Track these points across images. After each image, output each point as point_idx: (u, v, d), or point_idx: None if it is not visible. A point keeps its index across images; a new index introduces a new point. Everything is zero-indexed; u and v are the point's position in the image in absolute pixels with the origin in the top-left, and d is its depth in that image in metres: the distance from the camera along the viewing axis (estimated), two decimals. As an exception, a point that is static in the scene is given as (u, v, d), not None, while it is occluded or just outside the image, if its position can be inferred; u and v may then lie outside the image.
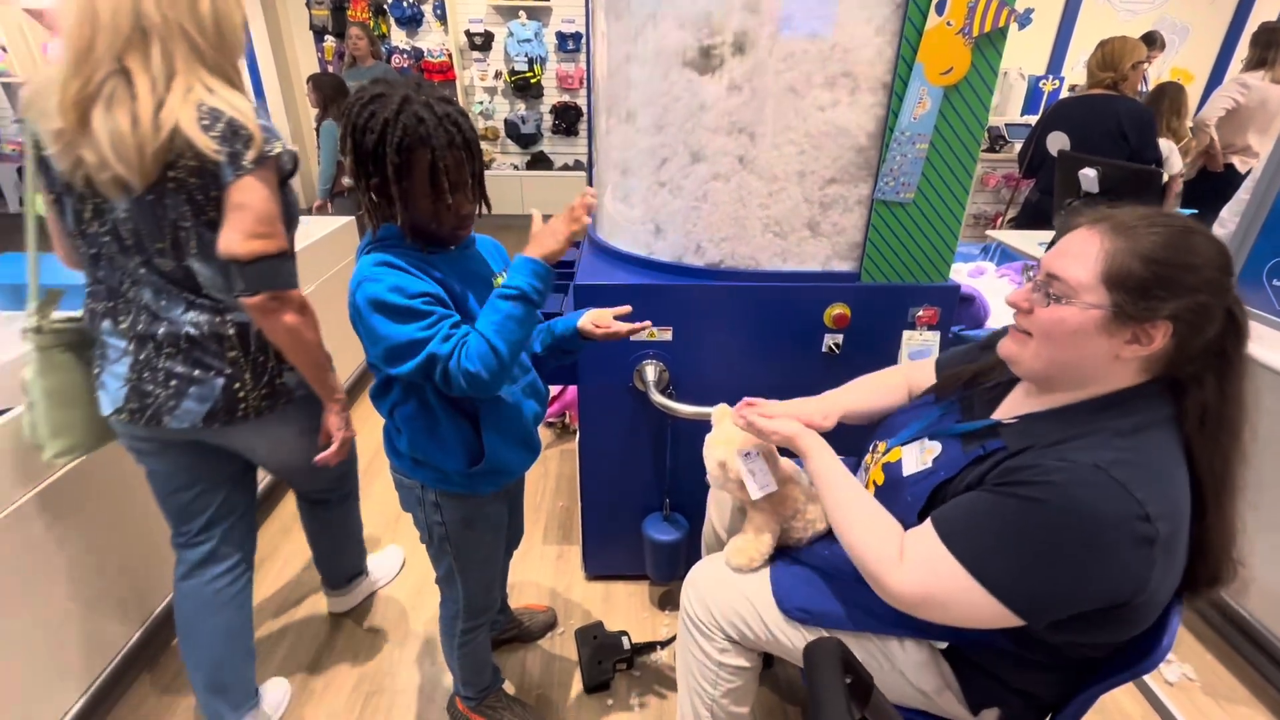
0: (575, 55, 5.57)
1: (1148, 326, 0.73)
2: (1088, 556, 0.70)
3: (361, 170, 0.88)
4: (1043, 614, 0.74)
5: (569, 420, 2.56)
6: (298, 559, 1.91)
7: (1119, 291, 0.73)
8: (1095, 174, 2.29)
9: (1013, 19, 1.19)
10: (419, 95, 0.86)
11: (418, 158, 0.86)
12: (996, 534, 0.75)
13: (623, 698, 1.51)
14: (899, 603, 0.80)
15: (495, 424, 1.05)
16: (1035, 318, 0.80)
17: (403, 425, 1.02)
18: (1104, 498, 0.69)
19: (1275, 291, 1.58)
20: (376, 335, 0.89)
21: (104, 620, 1.42)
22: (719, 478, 1.09)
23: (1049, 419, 0.82)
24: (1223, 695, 1.53)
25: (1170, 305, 0.71)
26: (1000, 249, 2.57)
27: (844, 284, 1.42)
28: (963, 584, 0.75)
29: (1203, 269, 0.72)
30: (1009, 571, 0.74)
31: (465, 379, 0.88)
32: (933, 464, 0.89)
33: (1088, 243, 0.77)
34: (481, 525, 1.16)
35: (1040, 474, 0.73)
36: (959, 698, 0.93)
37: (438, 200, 0.90)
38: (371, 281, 0.88)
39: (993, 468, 0.81)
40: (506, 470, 1.10)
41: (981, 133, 1.29)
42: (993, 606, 0.74)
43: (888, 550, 0.82)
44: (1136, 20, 5.13)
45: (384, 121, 0.84)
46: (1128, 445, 0.73)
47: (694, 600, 1.08)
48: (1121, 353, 0.75)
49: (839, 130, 1.28)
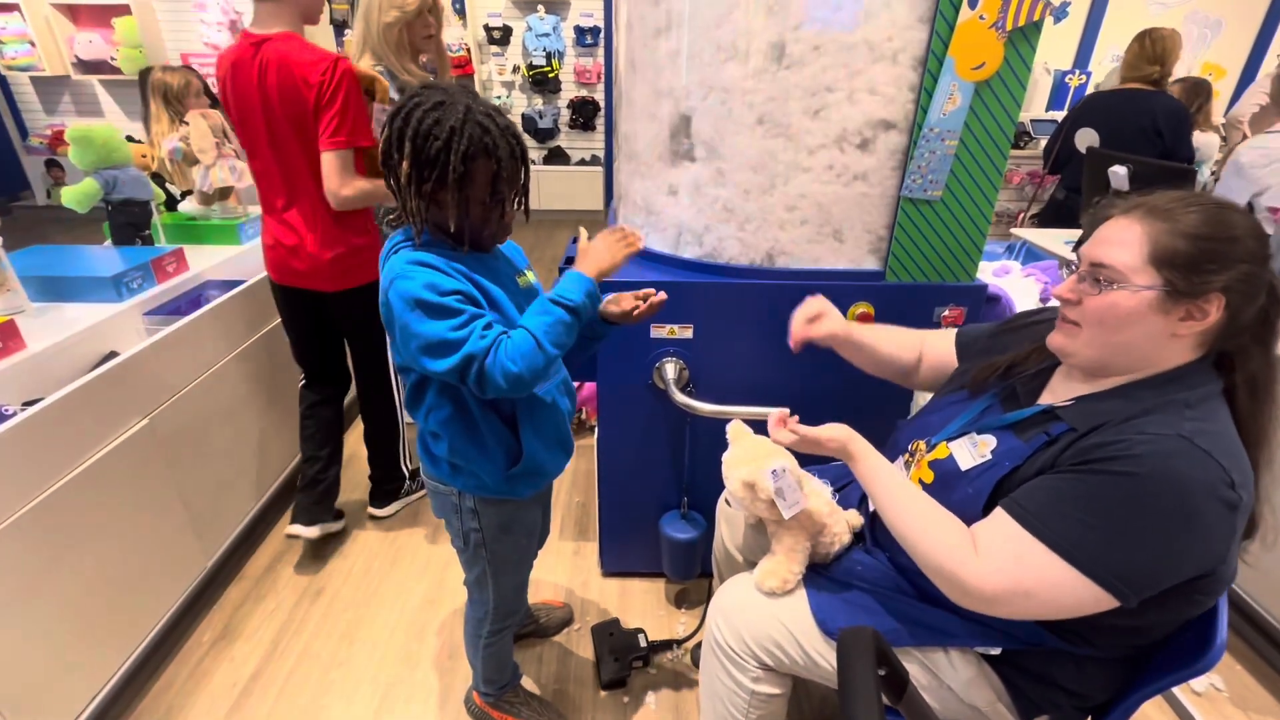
0: (593, 50, 5.54)
1: (1201, 302, 0.74)
2: (1182, 526, 0.70)
3: (419, 174, 0.89)
4: (1137, 591, 0.72)
5: (587, 416, 2.56)
6: (320, 549, 1.93)
7: (1169, 270, 0.74)
8: (1125, 171, 2.24)
9: (1048, 12, 1.16)
10: (477, 105, 0.89)
11: (481, 167, 0.89)
12: (1085, 511, 0.73)
13: (638, 695, 1.51)
14: (980, 598, 0.77)
15: (533, 423, 1.05)
16: (1085, 307, 0.81)
17: (440, 430, 1.02)
18: (1194, 466, 0.70)
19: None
20: (410, 332, 0.89)
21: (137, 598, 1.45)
22: (746, 499, 1.05)
23: (1110, 398, 0.81)
24: (1252, 707, 1.50)
25: (1222, 277, 0.73)
26: (1025, 247, 2.52)
27: (869, 283, 1.40)
28: (1051, 569, 0.73)
29: (1244, 239, 0.74)
30: (1101, 549, 0.72)
31: (505, 378, 0.88)
32: (992, 455, 0.87)
33: (1127, 229, 0.78)
34: (518, 530, 1.17)
35: (1124, 448, 0.73)
36: (1010, 708, 0.92)
37: (492, 208, 0.94)
38: (404, 279, 0.89)
39: (1064, 450, 0.79)
40: (544, 471, 1.10)
41: (1012, 129, 1.26)
42: (1085, 588, 0.73)
43: (962, 545, 0.79)
44: (1169, 13, 5.01)
45: (450, 129, 0.86)
46: (1199, 416, 0.74)
47: (723, 628, 1.03)
48: (1178, 330, 0.76)
49: (866, 126, 1.26)
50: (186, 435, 1.61)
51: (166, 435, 1.54)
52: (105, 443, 1.36)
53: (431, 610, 1.74)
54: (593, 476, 2.05)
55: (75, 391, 1.28)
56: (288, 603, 1.75)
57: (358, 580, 1.83)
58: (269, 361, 1.98)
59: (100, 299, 1.63)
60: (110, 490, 1.38)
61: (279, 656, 1.59)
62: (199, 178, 2.12)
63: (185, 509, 1.61)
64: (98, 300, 1.63)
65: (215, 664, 1.57)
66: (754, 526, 1.22)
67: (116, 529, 1.40)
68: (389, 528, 2.03)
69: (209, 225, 2.17)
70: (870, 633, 0.61)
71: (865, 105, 1.24)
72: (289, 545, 1.95)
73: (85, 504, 1.31)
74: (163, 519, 1.53)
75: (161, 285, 1.78)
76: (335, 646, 1.63)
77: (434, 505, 1.16)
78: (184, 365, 1.62)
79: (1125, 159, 2.27)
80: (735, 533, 1.28)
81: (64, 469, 1.27)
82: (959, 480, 0.89)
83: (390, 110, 0.91)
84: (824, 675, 0.98)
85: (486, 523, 1.11)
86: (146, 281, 1.74)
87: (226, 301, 1.79)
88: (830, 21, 1.18)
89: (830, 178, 1.31)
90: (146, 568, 1.49)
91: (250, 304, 1.90)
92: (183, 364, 1.61)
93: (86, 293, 1.63)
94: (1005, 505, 0.79)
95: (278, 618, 1.70)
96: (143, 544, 1.47)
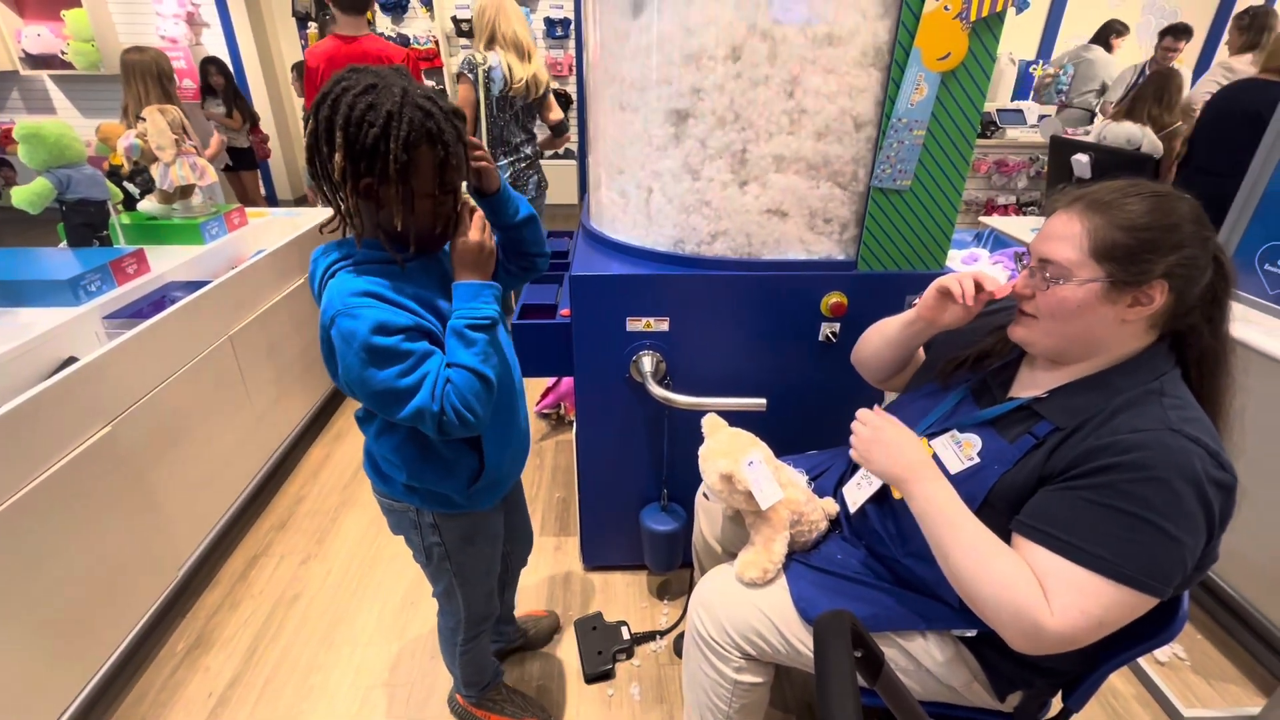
0: (564, 41, 5.49)
1: (1145, 289, 0.77)
2: (1198, 514, 0.72)
3: (354, 168, 0.78)
4: (1172, 585, 0.74)
5: (565, 411, 2.55)
6: (296, 554, 1.90)
7: (1110, 263, 0.78)
8: (1088, 159, 2.30)
9: (1010, 3, 1.18)
10: (414, 87, 0.80)
11: (426, 154, 0.80)
12: (1121, 528, 0.73)
13: (622, 688, 1.52)
14: (1059, 638, 0.73)
15: (498, 439, 1.01)
16: (1038, 302, 0.84)
17: (393, 456, 0.96)
18: (1192, 455, 0.72)
19: (1268, 276, 1.59)
20: (355, 377, 0.81)
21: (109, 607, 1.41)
22: (723, 491, 1.05)
23: (1084, 389, 0.83)
24: (1213, 674, 1.56)
25: (1162, 264, 0.76)
26: (993, 235, 2.57)
27: (841, 272, 1.41)
28: (1112, 595, 0.73)
29: (1181, 225, 0.77)
30: (1145, 561, 0.72)
31: (464, 424, 0.83)
32: (980, 458, 0.88)
33: (1069, 225, 0.81)
34: (481, 540, 1.12)
35: (1122, 452, 0.74)
36: (987, 687, 0.94)
37: (441, 201, 0.84)
38: (348, 317, 0.79)
39: (1054, 450, 0.81)
40: (504, 480, 1.07)
41: (978, 119, 1.28)
42: (1140, 602, 0.73)
43: (1034, 591, 0.75)
44: (1127, 5, 5.13)
45: (387, 114, 0.76)
46: (1177, 404, 0.77)
47: (705, 620, 1.04)
48: (1126, 316, 0.79)
49: (836, 117, 1.27)
50: (153, 441, 1.57)
51: (131, 442, 1.49)
52: (66, 451, 1.32)
53: (412, 611, 1.72)
54: (573, 472, 2.05)
55: (32, 399, 1.24)
56: (264, 608, 1.72)
57: (335, 583, 1.81)
58: (238, 363, 1.94)
59: (57, 303, 1.57)
60: (74, 500, 1.33)
61: (256, 663, 1.57)
62: (158, 176, 2.05)
63: (154, 516, 1.57)
64: (54, 304, 1.57)
65: (190, 674, 1.54)
66: (732, 518, 1.23)
67: (82, 539, 1.35)
68: (366, 529, 2.01)
69: (170, 225, 2.11)
70: (846, 616, 0.62)
71: (835, 97, 1.25)
72: (263, 550, 1.91)
73: (48, 515, 1.27)
74: (131, 527, 1.49)
75: (122, 287, 1.73)
76: (314, 651, 1.60)
77: (390, 523, 1.09)
78: (148, 369, 1.57)
79: (1087, 146, 2.33)
80: (714, 525, 1.28)
81: (24, 479, 1.22)
82: None
83: (315, 99, 0.80)
84: (805, 662, 1.00)
85: (449, 536, 1.06)
86: (105, 284, 1.69)
87: (191, 303, 1.74)
88: (798, 13, 1.19)
89: (802, 169, 1.31)
90: (115, 578, 1.45)
91: (217, 305, 1.85)
92: (146, 368, 1.56)
93: (42, 297, 1.58)
94: (1037, 538, 0.77)
95: (254, 624, 1.67)
96: (110, 553, 1.43)
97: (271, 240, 2.30)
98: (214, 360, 1.82)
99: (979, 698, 0.96)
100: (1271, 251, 1.58)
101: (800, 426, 1.55)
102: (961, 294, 0.93)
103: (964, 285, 0.94)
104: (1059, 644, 0.74)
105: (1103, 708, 1.48)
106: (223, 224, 2.22)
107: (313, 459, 2.36)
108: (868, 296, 1.42)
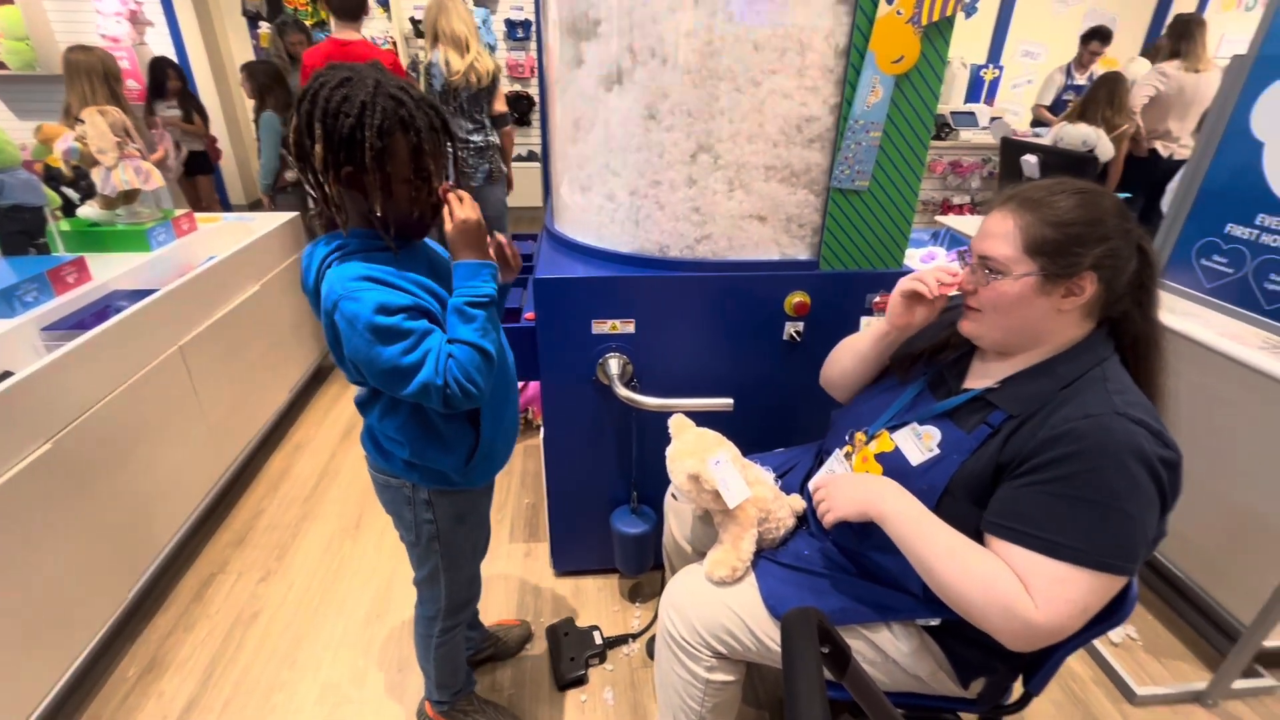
0: (525, 43, 5.46)
1: (1076, 280, 0.82)
2: (1152, 491, 0.75)
3: (334, 157, 0.82)
4: (1137, 563, 0.77)
5: (532, 416, 2.53)
6: (254, 570, 1.83)
7: (1041, 257, 0.82)
8: (1036, 160, 2.38)
9: (960, 7, 1.21)
10: (387, 79, 0.83)
11: (400, 141, 0.84)
12: (1090, 517, 0.75)
13: (596, 693, 1.51)
14: (1048, 632, 0.76)
15: (494, 413, 1.04)
16: (981, 296, 0.88)
17: (397, 435, 0.99)
18: (1140, 436, 0.75)
19: (1203, 270, 1.67)
20: (362, 358, 0.84)
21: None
22: (691, 491, 1.06)
23: (1030, 377, 0.87)
24: (1163, 652, 1.63)
25: (1089, 257, 0.81)
26: (949, 234, 2.65)
27: (804, 272, 1.43)
28: (1090, 583, 0.75)
29: (1106, 220, 0.81)
30: (1115, 545, 0.75)
31: (468, 397, 0.86)
32: (939, 449, 0.91)
33: (1003, 222, 0.86)
34: (472, 520, 1.16)
35: (1076, 440, 0.77)
36: (951, 675, 0.96)
37: (419, 187, 0.88)
38: (350, 300, 0.83)
39: (1009, 437, 0.84)
40: (497, 457, 1.10)
41: (932, 120, 1.31)
42: (1115, 584, 0.77)
43: (1016, 588, 0.77)
44: (1069, 11, 5.34)
45: (361, 105, 0.80)
46: (1120, 389, 0.81)
47: (676, 620, 1.04)
48: (1061, 306, 0.84)
49: (795, 120, 1.29)
50: (98, 458, 1.50)
51: (74, 459, 1.42)
52: (2, 471, 1.25)
53: (378, 624, 1.68)
54: (541, 477, 2.02)
55: (-37, 417, 1.17)
56: (220, 629, 1.66)
57: (297, 600, 1.75)
58: (189, 374, 1.86)
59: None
60: (12, 521, 1.26)
61: (214, 686, 1.51)
62: (100, 180, 1.97)
63: (101, 537, 1.50)
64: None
65: (142, 699, 1.47)
66: (702, 518, 1.24)
67: (23, 562, 1.28)
68: (329, 542, 1.95)
69: (114, 231, 2.02)
70: (813, 613, 0.63)
71: (794, 98, 1.27)
72: (220, 568, 1.84)
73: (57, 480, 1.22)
74: (76, 549, 1.42)
75: (61, 298, 1.65)
76: (276, 670, 1.55)
77: (383, 499, 1.11)
78: (90, 383, 1.50)
79: (1035, 147, 2.41)
80: (684, 525, 1.29)
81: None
82: (910, 475, 0.92)
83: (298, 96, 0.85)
84: (776, 659, 1.00)
85: (441, 514, 1.09)
86: (43, 294, 1.61)
87: (137, 313, 1.67)
88: (756, 15, 1.20)
89: (763, 170, 1.33)
90: (60, 602, 1.38)
91: (165, 314, 1.78)
92: (89, 382, 1.49)
93: (-27, 308, 1.49)
94: (1012, 537, 0.79)
95: (210, 645, 1.61)
96: (55, 576, 1.36)
97: (224, 246, 2.23)
98: (163, 371, 1.75)
99: (944, 686, 0.98)
100: (1207, 247, 1.65)
101: (767, 425, 1.56)
102: (929, 288, 0.97)
103: (927, 281, 0.97)
104: (1051, 636, 0.77)
105: (1062, 689, 1.53)
106: (170, 230, 2.13)
107: (272, 470, 2.28)
108: (830, 295, 1.44)
